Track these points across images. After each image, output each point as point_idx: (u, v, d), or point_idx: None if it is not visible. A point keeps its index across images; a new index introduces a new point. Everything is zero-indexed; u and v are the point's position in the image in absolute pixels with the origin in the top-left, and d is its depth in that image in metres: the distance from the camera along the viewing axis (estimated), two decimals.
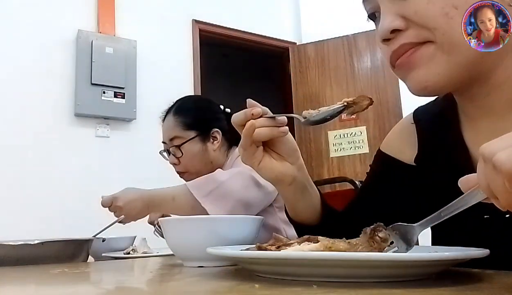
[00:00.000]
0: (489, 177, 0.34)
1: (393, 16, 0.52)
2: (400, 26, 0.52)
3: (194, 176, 1.27)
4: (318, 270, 0.40)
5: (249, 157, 0.60)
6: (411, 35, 0.52)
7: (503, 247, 0.49)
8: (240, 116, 0.60)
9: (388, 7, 0.53)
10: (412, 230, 0.48)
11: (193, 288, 0.44)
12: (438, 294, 0.35)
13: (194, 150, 1.29)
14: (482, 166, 0.34)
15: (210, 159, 1.30)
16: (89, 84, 3.06)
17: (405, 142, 0.68)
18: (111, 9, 3.29)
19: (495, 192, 0.34)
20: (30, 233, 1.17)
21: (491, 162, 0.33)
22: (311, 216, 0.68)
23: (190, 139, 1.28)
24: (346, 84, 3.93)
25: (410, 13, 0.51)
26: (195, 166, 1.30)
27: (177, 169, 1.33)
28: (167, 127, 1.33)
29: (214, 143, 1.30)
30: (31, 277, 0.63)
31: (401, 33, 0.52)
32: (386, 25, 0.52)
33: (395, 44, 0.53)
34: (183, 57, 3.61)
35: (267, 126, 0.59)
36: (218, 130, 1.30)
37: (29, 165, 2.84)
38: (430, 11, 0.49)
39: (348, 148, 3.84)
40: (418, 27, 0.51)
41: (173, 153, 1.30)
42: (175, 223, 0.67)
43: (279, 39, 4.16)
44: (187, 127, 1.29)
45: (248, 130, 0.58)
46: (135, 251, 1.12)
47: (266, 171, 0.62)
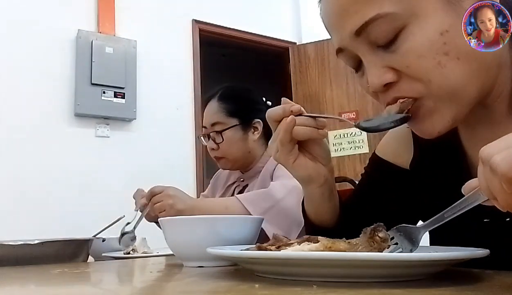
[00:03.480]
0: (488, 178, 0.34)
1: (382, 69, 0.49)
2: (392, 79, 0.48)
3: (230, 163, 1.31)
4: (318, 270, 0.40)
5: (285, 153, 0.59)
6: (404, 88, 0.49)
7: (503, 250, 0.49)
8: (277, 111, 0.58)
9: (372, 60, 0.49)
10: (416, 231, 0.48)
11: (193, 288, 0.44)
12: (438, 294, 0.35)
13: (235, 138, 1.29)
14: (482, 168, 0.35)
15: (248, 149, 1.30)
16: (89, 84, 3.06)
17: (401, 146, 0.68)
18: (111, 9, 3.29)
19: (494, 193, 0.34)
20: (30, 233, 1.17)
21: (488, 164, 0.34)
22: (333, 218, 0.68)
23: (232, 126, 1.29)
24: (346, 84, 3.93)
25: (401, 66, 0.48)
26: (233, 153, 1.30)
27: (214, 153, 1.32)
28: (210, 112, 1.33)
29: (255, 134, 1.31)
30: (31, 277, 0.63)
31: (393, 85, 0.49)
32: (377, 80, 0.49)
33: (388, 97, 0.50)
34: (183, 57, 3.61)
35: (307, 125, 0.57)
36: (259, 121, 1.31)
37: (29, 164, 2.84)
38: (423, 65, 0.46)
39: (348, 147, 3.84)
40: (411, 80, 0.48)
41: (213, 138, 1.30)
42: (175, 223, 0.67)
43: (279, 39, 4.16)
44: (230, 114, 1.29)
45: (288, 125, 0.56)
46: (135, 251, 1.12)
47: (301, 169, 0.61)
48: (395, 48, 0.48)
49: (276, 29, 4.13)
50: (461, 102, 0.48)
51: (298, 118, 0.57)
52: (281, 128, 0.57)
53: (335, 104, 3.96)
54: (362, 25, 0.48)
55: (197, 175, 3.39)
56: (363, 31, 0.48)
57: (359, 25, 0.48)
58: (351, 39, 0.50)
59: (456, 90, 0.47)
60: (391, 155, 0.69)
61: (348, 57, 0.53)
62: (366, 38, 0.49)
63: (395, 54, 0.48)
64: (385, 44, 0.48)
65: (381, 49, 0.49)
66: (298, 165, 0.61)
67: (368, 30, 0.48)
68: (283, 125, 0.57)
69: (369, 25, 0.47)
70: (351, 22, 0.49)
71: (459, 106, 0.48)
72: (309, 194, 0.66)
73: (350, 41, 0.50)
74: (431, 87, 0.47)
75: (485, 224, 0.55)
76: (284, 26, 4.21)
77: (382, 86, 0.49)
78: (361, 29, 0.48)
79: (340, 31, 0.51)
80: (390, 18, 0.46)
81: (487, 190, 0.35)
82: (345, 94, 3.94)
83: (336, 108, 3.95)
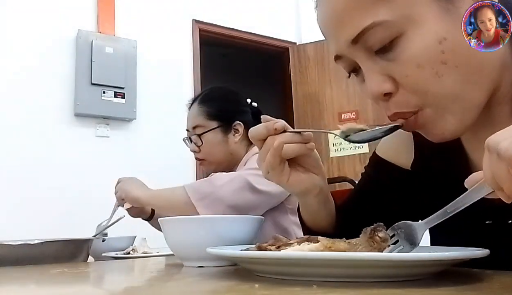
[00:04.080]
0: (494, 166, 0.35)
1: (381, 77, 0.48)
2: (391, 90, 0.48)
3: (213, 165, 1.34)
4: (318, 270, 0.40)
5: (278, 175, 0.58)
6: (402, 101, 0.49)
7: (502, 250, 0.49)
8: (261, 130, 0.56)
9: (371, 68, 0.49)
10: (417, 228, 0.48)
11: (193, 288, 0.44)
12: (438, 294, 0.35)
13: (215, 140, 1.30)
14: (487, 157, 0.36)
15: (230, 151, 1.32)
16: (89, 84, 3.06)
17: (401, 146, 0.67)
18: (111, 9, 3.29)
19: (500, 182, 0.35)
20: (30, 233, 1.17)
21: (495, 151, 0.34)
22: (330, 224, 0.67)
23: (212, 129, 1.30)
24: (346, 84, 3.93)
25: (400, 76, 0.47)
26: (214, 156, 1.32)
27: (196, 156, 1.35)
28: (191, 115, 1.35)
29: (235, 136, 1.31)
30: (31, 277, 0.63)
31: (391, 96, 0.49)
32: (376, 88, 0.49)
33: (388, 109, 0.50)
34: (183, 57, 3.61)
35: (295, 142, 0.56)
36: (240, 123, 1.31)
37: (29, 164, 2.84)
38: (421, 75, 0.46)
39: (348, 147, 3.84)
40: (407, 92, 0.48)
41: (194, 141, 1.33)
42: (175, 223, 0.67)
43: (279, 39, 4.16)
44: (209, 117, 1.31)
45: (276, 150, 0.55)
46: (135, 251, 1.12)
47: (295, 186, 0.60)
48: (394, 56, 0.47)
49: (276, 29, 4.13)
50: (464, 107, 0.48)
51: (284, 136, 0.55)
52: (268, 152, 0.55)
53: (335, 104, 3.96)
54: (359, 34, 0.47)
55: (197, 175, 3.39)
56: (360, 39, 0.48)
57: (355, 34, 0.48)
58: (348, 47, 0.49)
59: (455, 97, 0.47)
60: (392, 155, 0.69)
61: (346, 63, 0.53)
62: (363, 45, 0.48)
63: (394, 63, 0.47)
64: (383, 51, 0.48)
65: (380, 56, 0.48)
66: (293, 182, 0.59)
67: (365, 38, 0.47)
68: (271, 151, 0.55)
69: (366, 34, 0.47)
70: (347, 30, 0.48)
71: (464, 111, 0.48)
72: (305, 204, 0.66)
73: (347, 49, 0.50)
74: (427, 98, 0.47)
75: (487, 225, 0.55)
76: (284, 26, 4.20)
77: (382, 95, 0.49)
78: (358, 38, 0.48)
79: (337, 39, 0.51)
80: (386, 26, 0.46)
81: (492, 180, 0.35)
82: (345, 94, 3.94)
83: (336, 108, 3.96)
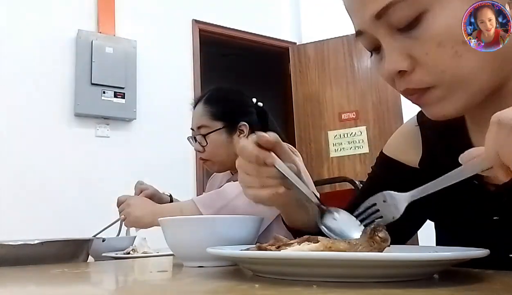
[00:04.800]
0: (502, 141, 0.34)
1: (400, 56, 0.49)
2: (407, 68, 0.49)
3: (216, 166, 1.33)
4: (318, 270, 0.40)
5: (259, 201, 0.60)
6: (416, 79, 0.49)
7: (502, 249, 0.49)
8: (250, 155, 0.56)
9: (392, 45, 0.49)
10: (401, 198, 0.48)
11: (193, 288, 0.44)
12: (438, 294, 0.35)
13: (219, 141, 1.29)
14: (494, 131, 0.35)
15: (234, 151, 1.31)
16: (89, 84, 3.06)
17: (409, 145, 0.67)
18: (111, 9, 3.29)
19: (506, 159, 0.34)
20: (30, 233, 1.17)
21: (508, 126, 0.33)
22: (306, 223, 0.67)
23: (216, 130, 1.29)
24: (346, 84, 3.94)
25: (420, 54, 0.48)
26: (218, 156, 1.31)
27: (200, 155, 1.34)
28: (196, 115, 1.34)
29: (240, 137, 1.30)
30: (31, 277, 0.63)
31: (406, 73, 0.49)
32: (393, 66, 0.49)
33: (399, 86, 0.51)
34: (183, 57, 3.61)
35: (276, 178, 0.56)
36: (245, 124, 1.30)
37: (29, 164, 2.84)
38: (441, 53, 0.46)
39: (348, 147, 3.84)
40: (424, 71, 0.48)
41: (199, 141, 1.32)
42: (175, 223, 0.67)
43: (279, 39, 4.16)
44: (214, 118, 1.30)
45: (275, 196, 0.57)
46: (135, 251, 1.12)
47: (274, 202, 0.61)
48: (415, 34, 0.47)
49: (276, 29, 4.14)
50: (471, 91, 0.48)
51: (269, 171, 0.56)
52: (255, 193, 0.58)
53: (335, 105, 3.96)
54: (383, 8, 0.47)
55: (197, 175, 3.39)
56: (383, 14, 0.48)
57: (380, 8, 0.48)
58: (371, 22, 0.49)
59: (468, 80, 0.47)
60: (400, 154, 0.69)
61: (367, 40, 0.53)
62: (386, 21, 0.48)
63: (415, 40, 0.48)
64: (405, 28, 0.48)
65: (401, 33, 0.48)
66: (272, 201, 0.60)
67: (389, 14, 0.47)
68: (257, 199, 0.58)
69: (390, 8, 0.47)
70: (372, 5, 0.48)
71: (469, 95, 0.49)
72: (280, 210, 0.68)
73: (370, 24, 0.50)
74: (444, 77, 0.48)
75: (495, 221, 0.55)
76: (284, 26, 4.21)
77: (397, 73, 0.50)
78: (382, 12, 0.48)
79: (361, 14, 0.51)
80: (411, 2, 0.46)
81: (495, 156, 0.35)
82: (345, 95, 3.94)
83: (336, 109, 3.96)
